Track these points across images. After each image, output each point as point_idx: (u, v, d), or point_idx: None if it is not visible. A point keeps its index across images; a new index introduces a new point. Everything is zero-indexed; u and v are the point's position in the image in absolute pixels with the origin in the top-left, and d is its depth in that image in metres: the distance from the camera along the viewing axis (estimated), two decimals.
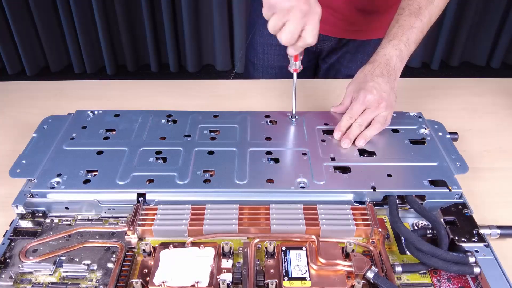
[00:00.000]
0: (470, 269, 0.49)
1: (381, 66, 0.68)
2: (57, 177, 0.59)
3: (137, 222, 0.55)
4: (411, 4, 0.72)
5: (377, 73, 0.68)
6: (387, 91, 0.67)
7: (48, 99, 0.88)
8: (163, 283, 0.48)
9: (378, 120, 0.66)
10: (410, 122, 0.71)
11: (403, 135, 0.69)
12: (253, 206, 0.57)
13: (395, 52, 0.69)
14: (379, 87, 0.66)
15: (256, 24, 0.98)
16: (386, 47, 0.70)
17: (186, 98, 0.88)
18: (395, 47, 0.69)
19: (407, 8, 0.72)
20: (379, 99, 0.66)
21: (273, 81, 0.95)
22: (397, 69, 0.69)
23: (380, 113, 0.66)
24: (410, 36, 0.70)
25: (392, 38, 0.70)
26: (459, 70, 2.43)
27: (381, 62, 0.69)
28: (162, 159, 0.63)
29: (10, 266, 0.52)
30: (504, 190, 0.67)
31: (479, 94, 0.91)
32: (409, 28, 0.70)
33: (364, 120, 0.66)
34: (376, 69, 0.68)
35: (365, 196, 0.59)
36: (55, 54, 2.32)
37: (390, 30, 0.72)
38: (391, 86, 0.67)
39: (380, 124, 0.66)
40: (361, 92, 0.67)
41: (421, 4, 0.71)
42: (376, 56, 0.70)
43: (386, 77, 0.67)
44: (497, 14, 2.25)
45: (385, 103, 0.66)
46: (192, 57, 2.36)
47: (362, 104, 0.67)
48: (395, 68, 0.69)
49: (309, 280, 0.48)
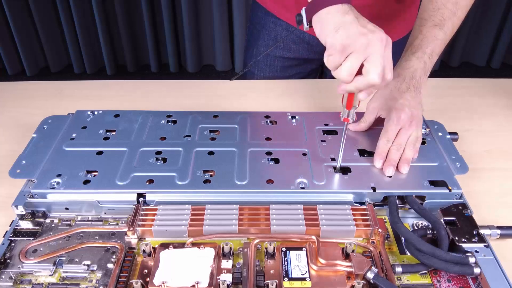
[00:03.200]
0: (470, 269, 0.49)
1: (407, 81, 0.66)
2: (57, 178, 0.59)
3: (137, 222, 0.55)
4: (434, 15, 0.69)
5: (403, 89, 0.66)
6: (416, 107, 0.65)
7: (48, 99, 0.88)
8: (163, 283, 0.48)
9: (411, 141, 0.63)
10: None
11: None
12: (253, 207, 0.57)
13: (419, 65, 0.67)
14: (409, 104, 0.64)
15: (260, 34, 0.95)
16: (410, 59, 0.67)
17: (186, 98, 0.88)
18: (419, 60, 0.67)
19: (430, 19, 0.69)
20: (410, 117, 0.63)
21: (273, 81, 0.95)
22: (422, 82, 0.67)
23: (412, 133, 0.64)
24: (435, 48, 0.68)
25: (416, 50, 0.67)
26: (459, 70, 2.43)
27: (406, 76, 0.66)
28: (162, 160, 0.63)
29: (10, 266, 0.52)
30: (504, 190, 0.67)
31: (479, 94, 0.91)
32: (433, 40, 0.68)
33: (402, 142, 0.63)
34: (402, 84, 0.66)
35: (365, 197, 0.59)
36: (55, 54, 2.32)
37: (412, 42, 0.69)
38: (418, 101, 0.66)
39: (413, 144, 0.63)
40: (393, 112, 0.64)
41: (445, 15, 0.69)
42: (400, 69, 0.67)
43: (412, 92, 0.65)
44: (497, 14, 2.25)
45: (415, 120, 0.64)
46: (192, 57, 2.35)
47: (397, 125, 0.63)
48: (420, 82, 0.66)
49: (309, 280, 0.48)
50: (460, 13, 0.70)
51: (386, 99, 0.66)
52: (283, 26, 0.91)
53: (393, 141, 0.63)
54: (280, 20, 0.91)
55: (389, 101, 0.66)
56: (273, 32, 0.93)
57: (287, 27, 0.91)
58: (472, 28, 2.30)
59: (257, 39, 0.96)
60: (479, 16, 2.26)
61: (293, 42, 0.93)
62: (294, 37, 0.92)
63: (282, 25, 0.91)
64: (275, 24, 0.92)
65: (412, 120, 0.64)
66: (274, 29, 0.92)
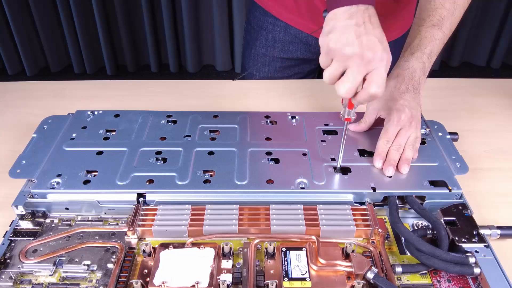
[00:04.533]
0: (470, 269, 0.49)
1: (406, 81, 0.66)
2: (57, 178, 0.59)
3: (137, 222, 0.55)
4: (433, 15, 0.69)
5: (403, 89, 0.65)
6: (416, 108, 0.65)
7: (48, 99, 0.88)
8: (163, 283, 0.48)
9: (411, 141, 0.63)
10: None
11: None
12: (253, 207, 0.57)
13: (418, 65, 0.66)
14: (409, 105, 0.64)
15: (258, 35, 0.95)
16: (409, 60, 0.67)
17: (186, 98, 0.88)
18: (418, 60, 0.66)
19: (428, 19, 0.69)
20: (410, 117, 0.64)
21: (273, 81, 0.95)
22: (421, 82, 0.67)
23: (411, 134, 0.64)
24: (433, 48, 0.67)
25: (415, 51, 0.67)
26: (459, 70, 2.43)
27: (405, 76, 0.66)
28: (162, 160, 0.63)
29: (10, 266, 0.52)
30: (504, 190, 0.67)
31: (479, 94, 0.91)
32: (431, 40, 0.67)
33: (402, 142, 0.63)
34: (401, 84, 0.66)
35: (365, 197, 0.59)
36: (55, 54, 2.32)
37: (411, 42, 0.69)
38: (417, 102, 0.66)
39: (413, 145, 0.63)
40: (394, 112, 0.64)
41: (443, 15, 0.68)
42: (399, 69, 0.67)
43: (412, 93, 0.65)
44: (497, 14, 2.25)
45: (415, 121, 0.64)
46: (192, 57, 2.35)
47: (397, 126, 0.63)
48: (419, 82, 0.66)
49: (309, 280, 0.48)
50: (458, 12, 0.70)
51: (387, 100, 0.66)
52: (281, 26, 0.91)
53: (392, 142, 0.63)
54: (278, 20, 0.91)
55: (389, 102, 0.66)
56: (272, 32, 0.93)
57: (285, 27, 0.91)
58: (472, 28, 2.30)
59: (255, 40, 0.96)
60: (479, 16, 2.26)
61: (292, 43, 0.93)
62: (292, 38, 0.92)
63: (281, 25, 0.91)
64: (273, 24, 0.92)
65: (411, 121, 0.64)
66: (272, 29, 0.92)
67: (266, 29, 0.93)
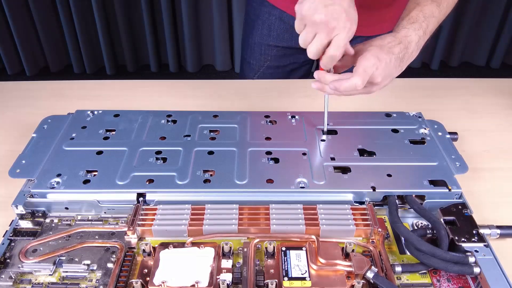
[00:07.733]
0: (470, 269, 0.49)
1: (401, 47, 0.62)
2: (57, 177, 0.59)
3: (137, 222, 0.55)
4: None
5: (395, 51, 0.61)
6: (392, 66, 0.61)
7: (48, 99, 0.88)
8: (163, 283, 0.48)
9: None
10: (409, 122, 0.71)
11: (402, 135, 0.69)
12: (253, 206, 0.57)
13: (415, 38, 0.63)
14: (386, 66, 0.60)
15: (255, 24, 0.97)
16: (408, 28, 0.63)
17: (186, 98, 0.88)
18: (416, 32, 0.63)
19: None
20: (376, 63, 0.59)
21: (273, 81, 0.95)
22: (412, 57, 0.64)
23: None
24: (429, 25, 0.65)
25: (414, 21, 0.64)
26: (459, 70, 2.43)
27: (402, 41, 0.62)
28: (162, 159, 0.63)
29: (10, 266, 0.52)
30: (504, 190, 0.67)
31: (479, 94, 0.91)
32: (430, 16, 0.65)
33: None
34: (395, 47, 0.62)
35: (365, 196, 0.59)
36: (55, 54, 2.32)
37: (410, 11, 0.66)
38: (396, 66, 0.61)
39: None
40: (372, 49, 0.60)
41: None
42: (397, 33, 0.63)
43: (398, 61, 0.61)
44: (497, 14, 2.25)
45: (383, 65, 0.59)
46: (192, 57, 2.35)
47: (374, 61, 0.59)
48: (411, 55, 0.64)
49: (309, 280, 0.48)
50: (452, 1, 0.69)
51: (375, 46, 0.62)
52: (276, 15, 0.92)
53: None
54: (274, 9, 0.92)
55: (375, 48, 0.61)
56: (267, 21, 0.94)
57: (280, 16, 0.92)
58: (472, 28, 2.30)
59: (252, 29, 0.97)
60: (479, 16, 2.26)
61: (286, 31, 0.94)
62: (287, 26, 0.93)
63: (276, 14, 0.92)
64: (269, 13, 0.93)
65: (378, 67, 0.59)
66: (268, 18, 0.94)
67: (262, 18, 0.94)
